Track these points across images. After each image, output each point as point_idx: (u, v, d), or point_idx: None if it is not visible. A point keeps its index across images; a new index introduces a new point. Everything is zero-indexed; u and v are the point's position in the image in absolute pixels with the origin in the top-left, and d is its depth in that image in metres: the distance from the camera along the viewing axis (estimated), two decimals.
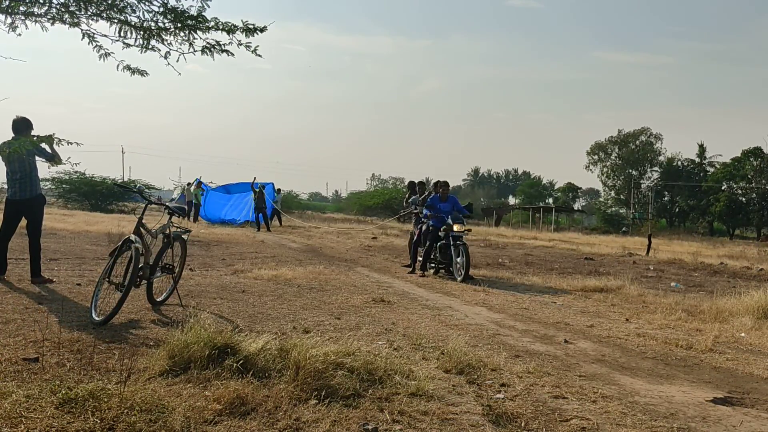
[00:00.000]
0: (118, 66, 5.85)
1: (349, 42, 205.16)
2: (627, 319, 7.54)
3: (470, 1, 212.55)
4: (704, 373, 5.10)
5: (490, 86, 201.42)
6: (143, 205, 6.77)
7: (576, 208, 78.65)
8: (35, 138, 6.60)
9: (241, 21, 5.14)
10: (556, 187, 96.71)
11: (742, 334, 6.75)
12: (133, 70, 5.86)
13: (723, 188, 67.84)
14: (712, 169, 72.00)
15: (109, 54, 5.75)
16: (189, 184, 28.98)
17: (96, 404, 3.32)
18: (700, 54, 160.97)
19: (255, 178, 25.81)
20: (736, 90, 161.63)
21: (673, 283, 12.19)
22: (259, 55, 5.42)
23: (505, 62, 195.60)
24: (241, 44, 5.41)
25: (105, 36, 5.62)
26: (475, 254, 16.75)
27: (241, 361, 4.04)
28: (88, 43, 5.72)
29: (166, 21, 5.46)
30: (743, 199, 67.00)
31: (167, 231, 6.58)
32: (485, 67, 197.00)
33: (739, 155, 67.89)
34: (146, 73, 5.90)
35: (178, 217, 6.72)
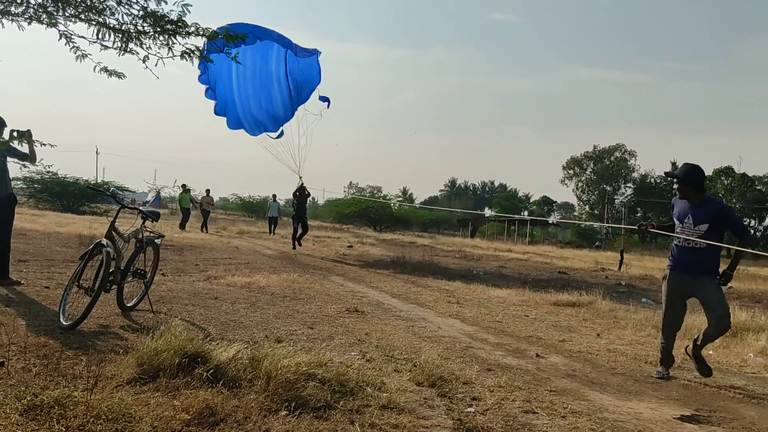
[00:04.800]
0: (95, 68, 5.78)
1: (331, 49, 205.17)
2: (598, 334, 7.62)
3: (452, 12, 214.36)
4: (672, 390, 5.16)
5: (468, 98, 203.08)
6: (116, 208, 6.67)
7: (551, 222, 79.33)
8: (14, 132, 6.48)
9: (223, 28, 5.12)
10: (531, 200, 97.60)
11: (710, 352, 6.84)
12: (111, 72, 5.80)
13: None
14: None
15: (86, 55, 5.68)
16: (164, 187, 28.57)
17: (62, 412, 3.27)
18: (675, 73, 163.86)
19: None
20: (709, 110, 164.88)
21: (644, 299, 12.34)
22: (239, 62, 5.40)
23: (484, 74, 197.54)
24: (221, 51, 5.39)
25: (83, 37, 5.55)
26: (450, 265, 16.83)
27: (212, 371, 3.99)
28: (65, 44, 5.64)
29: (145, 25, 5.41)
30: None
31: (140, 235, 6.50)
32: (464, 79, 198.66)
33: (710, 174, 69.16)
34: (123, 76, 5.85)
35: (152, 221, 6.65)
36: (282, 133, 17.16)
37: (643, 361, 6.16)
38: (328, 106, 16.82)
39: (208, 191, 27.76)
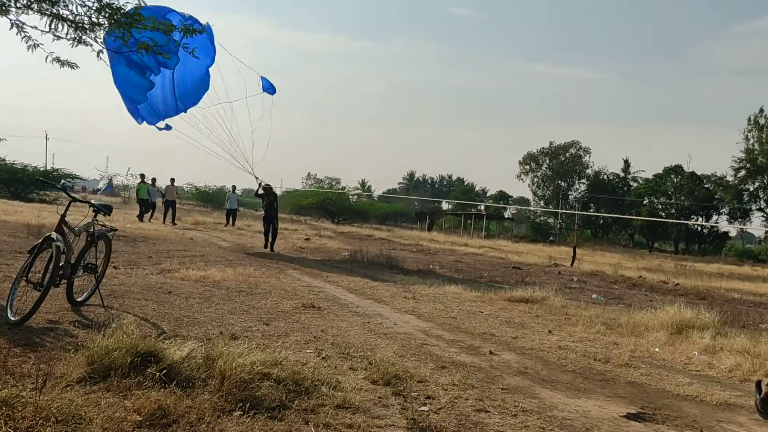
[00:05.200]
0: (46, 58, 5.61)
1: (291, 38, 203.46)
2: (550, 331, 7.78)
3: (414, 6, 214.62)
4: (619, 387, 5.31)
5: (428, 92, 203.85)
6: (67, 200, 6.50)
7: (506, 216, 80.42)
8: None
9: (180, 22, 5.03)
10: (488, 195, 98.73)
11: (656, 349, 7.07)
12: (63, 62, 5.64)
13: (645, 203, 70.91)
14: (635, 184, 75.16)
15: (38, 45, 5.51)
16: (116, 175, 27.89)
17: (9, 413, 3.19)
18: (629, 73, 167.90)
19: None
20: (660, 109, 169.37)
21: (594, 295, 12.65)
22: (197, 57, 5.32)
23: (444, 69, 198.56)
24: (178, 46, 5.29)
25: (35, 27, 5.38)
26: (407, 259, 16.91)
27: (165, 370, 3.95)
28: (17, 33, 5.46)
29: (100, 17, 5.27)
30: (663, 214, 70.13)
31: (91, 229, 6.36)
32: (424, 73, 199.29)
33: (661, 172, 71.13)
34: (76, 66, 5.69)
35: (104, 215, 6.51)
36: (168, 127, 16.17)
37: (592, 359, 6.32)
38: (273, 92, 16.25)
39: (172, 181, 26.85)
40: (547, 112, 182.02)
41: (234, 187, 30.61)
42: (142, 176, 25.88)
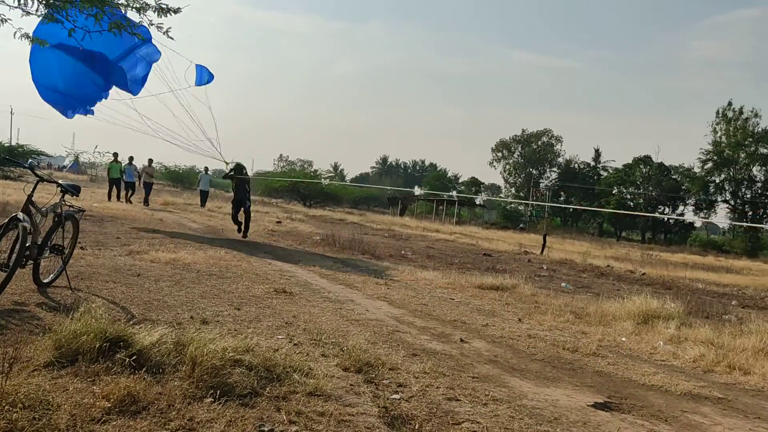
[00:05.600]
0: (15, 33, 5.43)
1: (265, 17, 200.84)
2: (520, 320, 7.86)
3: None
4: (587, 377, 5.40)
5: (402, 75, 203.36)
6: (33, 178, 6.34)
7: (478, 203, 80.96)
8: None
9: (154, 0, 4.90)
10: (460, 181, 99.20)
11: (623, 339, 7.19)
12: (33, 39, 5.46)
13: (614, 192, 71.97)
14: (605, 174, 76.19)
15: (6, 20, 5.33)
16: (83, 152, 27.25)
17: None
18: (601, 62, 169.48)
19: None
20: (632, 100, 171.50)
21: (563, 284, 12.81)
22: (171, 38, 5.21)
23: (418, 52, 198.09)
24: (152, 24, 5.16)
25: (2, 2, 5.21)
26: (379, 245, 16.93)
27: (134, 356, 3.89)
28: None
29: None
30: (631, 203, 71.28)
31: (59, 210, 6.23)
32: (399, 56, 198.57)
33: (630, 162, 72.18)
34: (46, 43, 5.53)
35: (71, 195, 6.37)
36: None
37: (561, 347, 6.40)
38: (208, 81, 14.62)
39: (150, 161, 26.44)
40: (521, 99, 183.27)
41: (206, 168, 30.21)
42: (115, 155, 25.13)
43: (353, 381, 4.37)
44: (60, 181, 6.31)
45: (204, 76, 14.67)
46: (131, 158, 25.35)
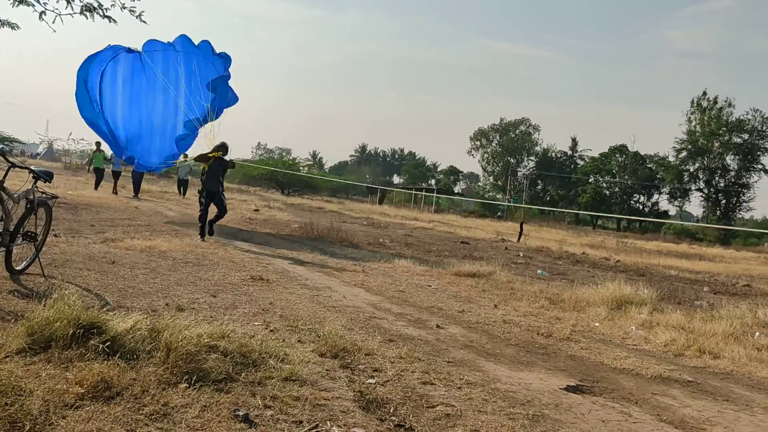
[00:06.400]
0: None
1: (240, 3, 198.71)
2: (495, 306, 7.94)
3: None
4: (560, 361, 5.48)
5: (381, 64, 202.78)
6: (4, 165, 6.24)
7: (456, 191, 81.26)
8: None
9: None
10: (439, 169, 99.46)
11: (596, 324, 7.30)
12: (3, 23, 5.36)
13: (590, 181, 72.71)
14: (582, 162, 76.90)
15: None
16: (57, 139, 26.39)
17: None
18: (578, 51, 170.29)
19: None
20: (607, 89, 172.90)
21: (539, 271, 12.94)
22: (144, 21, 5.14)
23: (397, 41, 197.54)
24: (125, 8, 5.09)
25: None
26: (357, 233, 16.94)
27: (108, 342, 3.87)
28: None
29: None
30: (607, 192, 72.10)
31: (31, 196, 6.14)
32: (377, 44, 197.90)
33: (606, 151, 72.91)
34: (17, 27, 5.43)
35: (44, 181, 6.28)
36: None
37: (535, 333, 6.49)
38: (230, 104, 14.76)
39: None
40: (499, 88, 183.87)
41: (185, 156, 29.27)
42: (98, 144, 23.91)
43: (329, 366, 4.39)
44: (32, 167, 6.22)
45: (231, 99, 14.56)
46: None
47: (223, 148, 12.31)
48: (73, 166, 46.23)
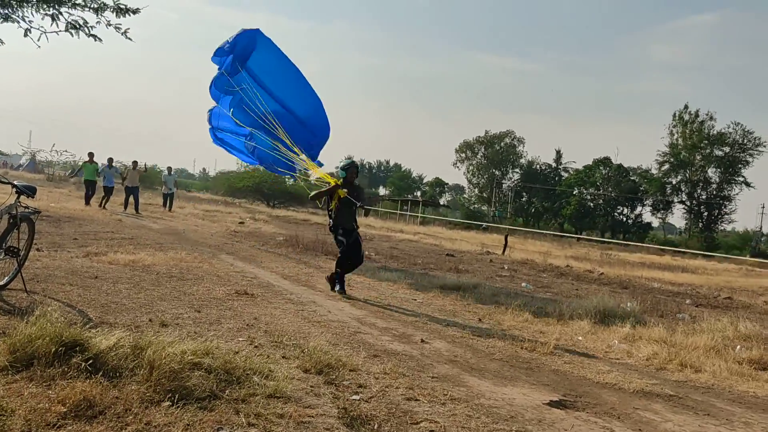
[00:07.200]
0: None
1: (226, 14, 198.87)
2: (480, 319, 7.97)
3: None
4: (544, 375, 5.51)
5: (367, 75, 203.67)
6: None
7: (442, 203, 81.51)
8: None
9: (113, 0, 4.83)
10: (424, 181, 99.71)
11: (580, 338, 7.35)
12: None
13: (574, 193, 73.24)
14: (566, 175, 77.47)
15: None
16: (40, 150, 25.89)
17: None
18: (563, 64, 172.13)
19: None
20: (591, 102, 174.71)
21: (524, 284, 13.00)
22: (130, 39, 5.16)
23: (383, 53, 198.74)
24: (110, 25, 5.10)
25: None
26: None
27: (91, 360, 3.84)
28: None
29: None
30: (591, 204, 72.64)
31: (14, 211, 6.10)
32: (364, 56, 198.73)
33: (590, 163, 73.52)
34: (2, 42, 5.41)
35: (27, 196, 6.25)
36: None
37: (519, 347, 6.52)
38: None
39: (135, 164, 23.61)
40: (484, 101, 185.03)
41: (170, 169, 28.50)
42: (91, 155, 22.89)
43: (313, 383, 4.39)
44: (15, 182, 6.19)
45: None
46: (110, 160, 23.63)
47: (353, 167, 9.44)
48: (57, 177, 45.80)
